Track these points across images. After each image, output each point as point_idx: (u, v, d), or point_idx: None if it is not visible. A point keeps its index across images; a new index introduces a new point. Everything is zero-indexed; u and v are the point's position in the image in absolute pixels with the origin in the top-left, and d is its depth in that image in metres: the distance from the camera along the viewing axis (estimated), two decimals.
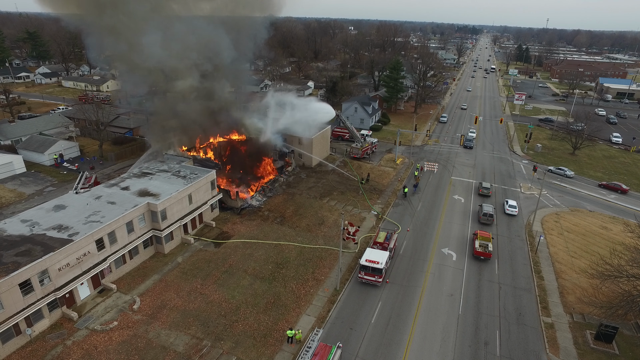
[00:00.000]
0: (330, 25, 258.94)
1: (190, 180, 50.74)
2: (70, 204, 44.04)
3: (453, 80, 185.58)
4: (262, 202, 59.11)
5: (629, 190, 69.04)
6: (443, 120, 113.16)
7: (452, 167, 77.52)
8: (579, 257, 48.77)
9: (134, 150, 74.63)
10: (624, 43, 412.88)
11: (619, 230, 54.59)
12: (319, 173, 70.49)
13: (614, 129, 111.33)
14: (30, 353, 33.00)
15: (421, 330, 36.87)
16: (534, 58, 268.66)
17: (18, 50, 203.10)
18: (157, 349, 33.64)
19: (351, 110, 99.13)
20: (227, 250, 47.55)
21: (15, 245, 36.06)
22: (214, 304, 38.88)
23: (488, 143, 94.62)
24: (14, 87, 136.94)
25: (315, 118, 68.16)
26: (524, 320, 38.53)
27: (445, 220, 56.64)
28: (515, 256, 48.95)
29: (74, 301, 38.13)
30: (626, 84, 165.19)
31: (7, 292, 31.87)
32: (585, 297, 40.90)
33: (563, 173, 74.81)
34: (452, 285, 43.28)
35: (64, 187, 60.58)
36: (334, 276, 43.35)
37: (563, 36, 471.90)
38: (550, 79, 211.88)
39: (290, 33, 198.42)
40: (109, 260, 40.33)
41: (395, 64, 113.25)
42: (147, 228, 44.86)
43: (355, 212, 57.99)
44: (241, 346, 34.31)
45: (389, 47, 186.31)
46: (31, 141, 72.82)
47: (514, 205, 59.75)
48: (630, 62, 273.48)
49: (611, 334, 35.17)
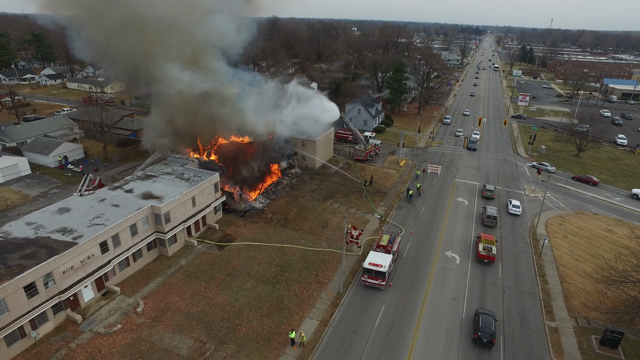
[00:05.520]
0: (333, 26, 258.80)
1: (193, 182, 50.88)
2: (74, 206, 44.27)
3: (457, 81, 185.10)
4: (265, 205, 59.16)
5: (599, 182, 73.02)
6: (446, 121, 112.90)
7: (455, 169, 77.29)
8: (583, 261, 48.46)
9: (138, 152, 74.90)
10: (629, 43, 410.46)
11: (624, 233, 54.21)
12: (322, 175, 70.48)
13: (619, 130, 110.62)
14: (34, 356, 33.17)
15: (424, 334, 36.75)
16: (538, 59, 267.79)
17: (23, 52, 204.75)
18: (160, 352, 33.72)
19: (354, 111, 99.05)
20: (231, 253, 47.62)
21: (20, 248, 36.31)
22: (217, 307, 38.94)
23: (492, 145, 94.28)
24: (19, 88, 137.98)
25: (322, 115, 67.47)
26: (528, 325, 38.31)
27: (449, 223, 56.45)
28: (519, 259, 48.71)
29: (78, 304, 38.31)
30: (631, 84, 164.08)
31: (12, 295, 32.06)
32: (590, 302, 40.60)
33: (545, 168, 77.47)
34: (456, 288, 43.11)
35: (68, 189, 60.91)
36: (337, 279, 43.30)
37: (567, 36, 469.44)
38: (555, 79, 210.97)
39: (294, 34, 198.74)
40: (112, 263, 40.49)
41: (399, 65, 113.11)
42: (150, 231, 45.01)
43: (359, 214, 57.92)
44: (244, 349, 34.33)
45: (393, 48, 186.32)
46: (36, 143, 73.30)
47: (517, 205, 59.63)
48: (635, 63, 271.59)
49: (617, 339, 34.88)
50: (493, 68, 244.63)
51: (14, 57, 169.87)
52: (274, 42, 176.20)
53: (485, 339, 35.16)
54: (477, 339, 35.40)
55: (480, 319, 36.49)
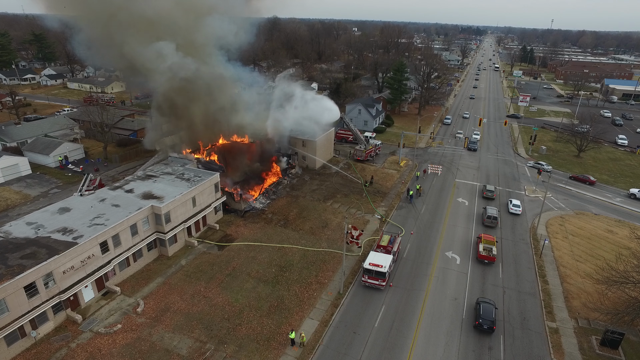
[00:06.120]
0: (334, 26, 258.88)
1: (194, 182, 50.88)
2: (75, 206, 44.28)
3: (457, 81, 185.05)
4: (265, 205, 59.14)
5: (596, 182, 73.41)
6: (447, 122, 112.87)
7: (456, 169, 77.25)
8: (584, 261, 48.41)
9: (139, 152, 74.97)
10: (629, 44, 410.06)
11: (625, 234, 54.17)
12: (323, 175, 70.47)
13: (620, 131, 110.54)
14: (34, 355, 33.17)
15: (425, 335, 36.72)
16: (539, 59, 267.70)
17: (24, 52, 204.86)
18: (160, 352, 33.72)
19: (355, 112, 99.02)
20: (231, 253, 47.62)
21: (21, 248, 36.31)
22: (218, 307, 38.93)
23: (492, 145, 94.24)
24: (20, 88, 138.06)
25: (323, 114, 67.26)
26: (528, 325, 38.28)
27: (449, 223, 56.43)
28: (519, 260, 48.68)
29: (78, 304, 38.32)
30: (632, 85, 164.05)
31: (12, 295, 32.08)
32: (590, 302, 40.55)
33: (541, 167, 77.81)
34: (456, 289, 43.08)
35: (68, 189, 60.92)
36: (338, 279, 43.28)
37: (568, 37, 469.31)
38: (555, 80, 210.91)
39: (294, 34, 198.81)
40: (113, 263, 40.49)
41: (399, 65, 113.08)
42: (151, 231, 45.01)
43: (359, 215, 57.90)
44: (244, 350, 34.32)
45: (393, 48, 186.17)
46: (37, 143, 73.34)
47: (517, 205, 59.68)
48: (636, 63, 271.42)
49: (617, 340, 34.86)
50: (493, 68, 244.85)
51: (15, 57, 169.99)
52: (275, 42, 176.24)
53: (486, 325, 36.68)
54: (478, 325, 36.87)
55: (481, 307, 38.12)
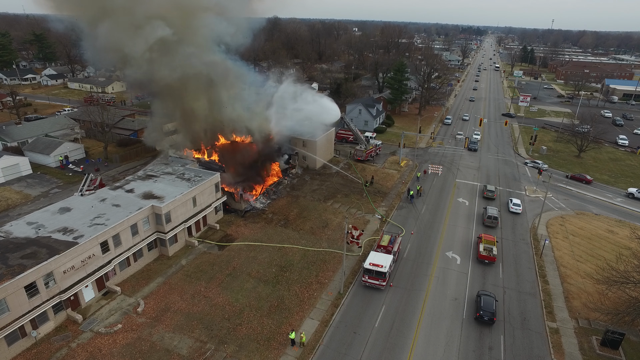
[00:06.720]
0: (334, 26, 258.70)
1: (194, 182, 50.90)
2: (75, 206, 44.31)
3: (457, 81, 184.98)
4: (266, 205, 59.16)
5: (592, 181, 73.85)
6: (447, 122, 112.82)
7: (456, 169, 77.24)
8: (584, 261, 48.39)
9: (139, 152, 74.99)
10: (630, 44, 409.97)
11: (625, 234, 54.14)
12: (323, 175, 70.47)
13: (620, 131, 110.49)
14: (35, 355, 33.19)
15: (425, 335, 36.72)
16: (539, 59, 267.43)
17: (25, 52, 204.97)
18: (160, 352, 33.73)
19: (355, 112, 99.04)
20: (231, 253, 47.63)
21: (21, 248, 36.34)
22: (218, 307, 38.94)
23: (493, 145, 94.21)
24: (20, 88, 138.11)
25: (323, 114, 67.12)
26: (528, 325, 38.27)
27: (450, 224, 56.41)
28: (520, 260, 48.66)
29: (79, 304, 38.34)
30: (633, 85, 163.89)
31: (13, 295, 32.10)
32: (591, 303, 40.54)
33: (539, 166, 78.74)
34: (456, 289, 43.07)
35: (69, 189, 60.94)
36: (338, 279, 43.28)
37: (568, 37, 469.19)
38: (556, 80, 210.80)
39: (295, 34, 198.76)
40: (113, 263, 40.51)
41: (400, 65, 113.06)
42: (151, 231, 45.03)
43: (359, 215, 57.90)
44: (245, 350, 34.33)
45: (393, 48, 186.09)
46: (37, 143, 73.37)
47: (518, 204, 59.75)
48: (636, 63, 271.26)
49: (618, 340, 34.84)
50: (494, 68, 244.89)
51: (16, 57, 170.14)
52: (275, 42, 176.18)
53: (486, 317, 37.56)
54: (479, 317, 37.71)
55: (482, 299, 39.03)
